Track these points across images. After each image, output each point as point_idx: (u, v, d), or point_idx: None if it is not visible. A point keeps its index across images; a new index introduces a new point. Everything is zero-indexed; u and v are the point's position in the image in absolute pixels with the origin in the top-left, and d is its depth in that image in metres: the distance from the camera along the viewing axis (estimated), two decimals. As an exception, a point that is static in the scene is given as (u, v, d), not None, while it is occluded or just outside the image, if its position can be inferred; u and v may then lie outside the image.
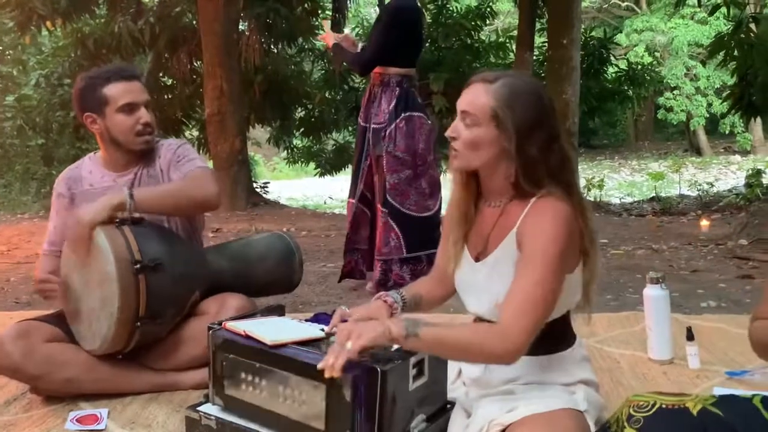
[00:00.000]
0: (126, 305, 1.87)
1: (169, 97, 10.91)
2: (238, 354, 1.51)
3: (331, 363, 1.25)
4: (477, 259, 1.50)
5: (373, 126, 3.28)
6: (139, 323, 1.91)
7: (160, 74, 10.87)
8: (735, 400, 1.23)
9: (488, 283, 1.45)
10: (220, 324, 1.60)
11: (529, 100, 1.37)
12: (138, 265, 1.88)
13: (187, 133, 11.49)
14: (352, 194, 3.46)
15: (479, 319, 1.52)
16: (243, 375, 1.50)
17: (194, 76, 10.50)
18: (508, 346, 1.28)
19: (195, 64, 10.39)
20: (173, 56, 10.19)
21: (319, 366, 1.27)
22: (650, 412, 1.17)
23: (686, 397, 1.21)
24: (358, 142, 3.46)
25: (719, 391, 1.90)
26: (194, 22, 9.85)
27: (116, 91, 2.08)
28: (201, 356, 1.94)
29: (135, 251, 1.90)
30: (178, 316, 2.07)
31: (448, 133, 1.44)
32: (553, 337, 1.47)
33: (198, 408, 1.60)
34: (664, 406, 1.17)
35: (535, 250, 1.33)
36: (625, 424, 1.18)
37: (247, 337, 1.50)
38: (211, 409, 1.58)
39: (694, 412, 1.15)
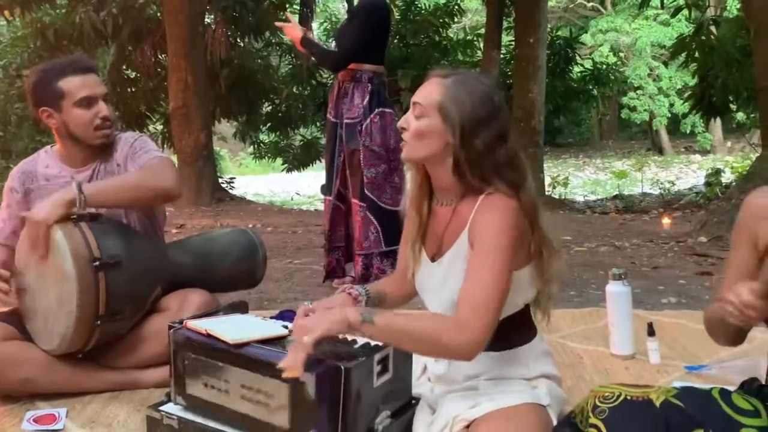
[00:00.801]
0: (85, 304, 1.83)
1: (133, 90, 10.72)
2: (200, 353, 1.49)
3: (290, 362, 1.24)
4: (433, 260, 1.52)
5: (346, 121, 3.26)
6: (98, 322, 1.87)
7: (123, 67, 10.67)
8: (695, 392, 1.26)
9: (445, 282, 1.47)
10: (181, 323, 1.57)
11: (479, 98, 1.40)
12: (97, 263, 1.84)
13: (151, 127, 11.31)
14: (328, 192, 3.44)
15: None
16: (205, 374, 1.48)
17: (158, 69, 10.33)
18: (466, 340, 1.28)
19: (159, 56, 10.23)
20: (137, 48, 10.01)
21: (280, 365, 1.26)
22: (615, 403, 1.18)
23: (650, 388, 1.23)
24: (329, 138, 3.43)
25: (679, 384, 1.94)
26: (159, 13, 9.69)
27: (72, 85, 2.02)
28: (162, 354, 1.90)
29: (93, 248, 1.85)
30: (139, 314, 2.03)
31: (399, 124, 1.48)
32: (513, 332, 1.49)
33: (159, 407, 1.57)
34: (628, 397, 1.19)
35: (486, 245, 1.35)
36: (590, 414, 1.19)
37: (209, 336, 1.48)
38: (173, 409, 1.55)
39: (657, 404, 1.17)
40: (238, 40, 10.95)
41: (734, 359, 2.04)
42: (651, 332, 2.19)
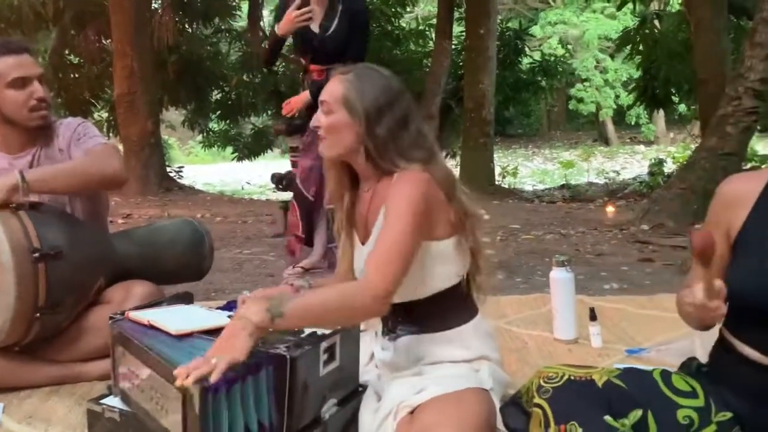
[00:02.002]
0: (24, 295, 1.77)
1: (76, 76, 10.39)
2: (125, 347, 1.46)
3: (185, 372, 1.16)
4: (363, 243, 1.57)
5: None
6: (38, 314, 1.82)
7: (66, 52, 10.31)
8: (637, 372, 1.30)
9: None
10: (123, 313, 1.54)
11: (378, 87, 1.48)
12: (37, 253, 1.78)
13: (95, 115, 10.99)
14: None
15: None
16: (128, 370, 1.46)
17: (103, 55, 10.03)
18: (372, 295, 1.32)
19: (104, 42, 9.92)
20: (80, 33, 9.69)
21: (175, 371, 1.18)
22: (559, 383, 1.22)
23: (593, 369, 1.27)
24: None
25: (620, 367, 2.01)
26: (103, -3, 9.38)
27: (5, 66, 1.95)
28: (105, 346, 1.85)
29: (33, 238, 1.80)
30: (81, 305, 1.98)
31: (311, 123, 1.56)
32: (452, 312, 1.53)
33: (101, 401, 1.54)
34: (572, 377, 1.23)
35: (391, 212, 1.41)
36: (535, 394, 1.22)
37: (151, 326, 1.45)
38: (115, 402, 1.52)
39: (600, 384, 1.21)
40: (187, 26, 10.71)
41: (671, 342, 2.12)
42: (593, 317, 2.26)
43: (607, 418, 1.16)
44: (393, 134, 1.47)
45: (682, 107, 12.83)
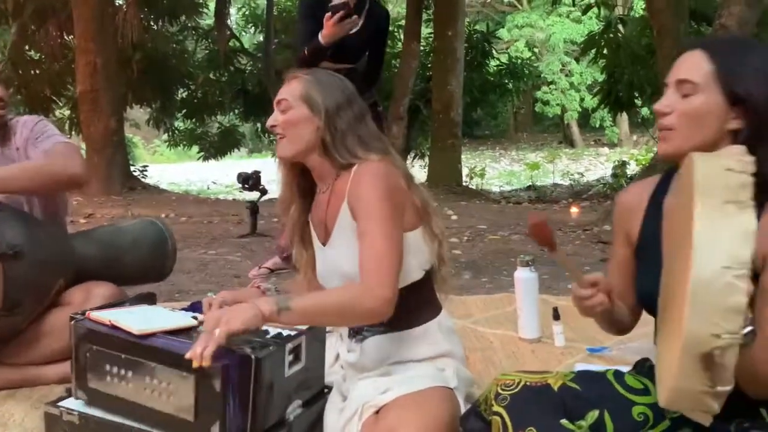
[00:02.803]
0: (-21, 296, 1.73)
1: (37, 72, 10.15)
2: (103, 345, 1.43)
3: (199, 352, 1.21)
4: (324, 244, 1.56)
5: None
6: (-6, 315, 1.77)
7: (26, 47, 10.07)
8: (591, 374, 1.33)
9: (339, 260, 1.51)
10: (83, 314, 1.51)
11: (335, 87, 1.53)
12: (-6, 253, 1.74)
13: (57, 112, 10.76)
14: None
15: None
16: (108, 367, 1.43)
17: (65, 51, 9.82)
18: (376, 295, 1.33)
19: (66, 37, 9.71)
20: (41, 28, 9.47)
21: (187, 355, 1.23)
22: (515, 390, 1.23)
23: (548, 374, 1.29)
24: None
25: (580, 366, 2.04)
26: (65, -8, 9.19)
27: None
28: (65, 349, 1.81)
29: (-10, 237, 1.75)
30: (40, 307, 1.93)
31: (267, 124, 1.56)
32: (414, 308, 1.53)
33: (59, 403, 1.51)
34: (528, 384, 1.24)
35: (366, 208, 1.41)
36: (493, 402, 1.24)
37: (113, 327, 1.43)
38: (74, 404, 1.49)
39: (555, 388, 1.23)
40: (152, 23, 10.55)
41: (631, 341, 2.16)
42: (556, 316, 2.29)
43: (564, 421, 1.18)
44: (352, 126, 1.50)
45: (645, 110, 13.07)
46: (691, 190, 0.98)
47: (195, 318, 1.49)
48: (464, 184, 9.35)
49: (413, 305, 1.51)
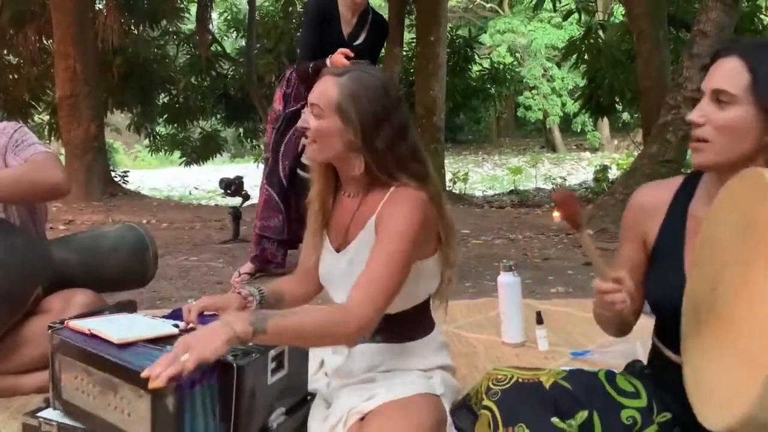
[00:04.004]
0: (-45, 304, 1.70)
1: (15, 77, 10.01)
2: (73, 356, 1.41)
3: (157, 372, 1.11)
4: (338, 250, 1.52)
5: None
6: (-29, 324, 1.74)
7: (5, 52, 9.94)
8: (583, 374, 1.33)
9: (350, 272, 1.46)
10: (62, 323, 1.49)
11: (375, 95, 1.41)
12: (-31, 260, 1.71)
13: (36, 117, 10.63)
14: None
15: None
16: (78, 379, 1.40)
17: (44, 56, 9.70)
18: (354, 326, 1.28)
19: (45, 42, 9.60)
20: (19, 32, 9.34)
21: (143, 374, 1.14)
22: (507, 386, 1.23)
23: (541, 371, 1.29)
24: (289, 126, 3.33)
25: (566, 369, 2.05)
26: (44, -4, 9.09)
27: None
28: (43, 357, 1.77)
29: (-35, 244, 1.72)
30: (17, 315, 1.90)
31: (299, 125, 1.47)
32: (411, 325, 1.52)
33: (37, 414, 1.48)
34: (520, 380, 1.24)
35: (389, 236, 1.36)
36: (484, 396, 1.23)
37: (92, 335, 1.40)
38: (53, 414, 1.47)
39: (547, 386, 1.23)
40: (132, 28, 10.46)
41: (614, 345, 2.17)
42: (539, 320, 2.30)
43: (554, 419, 1.18)
44: (392, 146, 1.41)
45: (625, 115, 13.24)
46: (759, 206, 0.93)
47: (176, 326, 1.47)
48: (447, 188, 9.37)
49: (408, 323, 1.49)
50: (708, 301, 1.09)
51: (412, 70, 10.41)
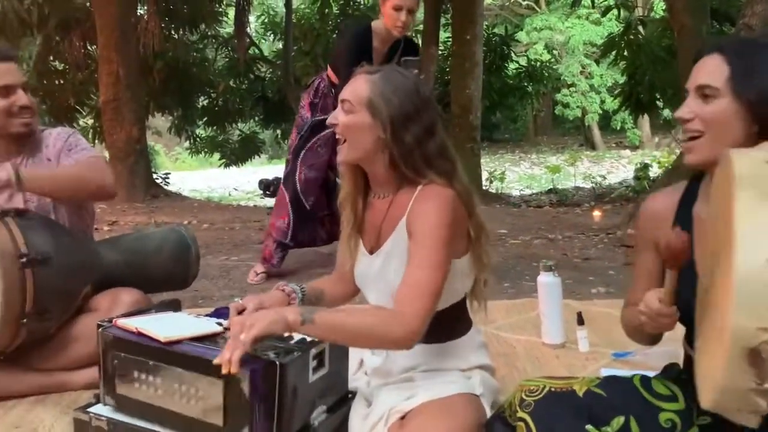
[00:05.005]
0: (10, 301, 1.76)
1: (61, 82, 10.31)
2: (130, 352, 1.45)
3: (227, 358, 1.20)
4: (371, 252, 1.53)
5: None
6: (24, 320, 1.80)
7: (51, 58, 10.24)
8: (617, 380, 1.31)
9: (384, 274, 1.48)
10: (110, 321, 1.53)
11: (405, 92, 1.42)
12: (24, 259, 1.77)
13: (80, 121, 10.90)
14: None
15: None
16: (136, 373, 1.45)
17: (88, 61, 9.96)
18: (405, 330, 1.29)
19: (89, 48, 9.86)
20: (64, 39, 9.62)
21: (215, 361, 1.23)
22: (540, 396, 1.22)
23: (573, 379, 1.28)
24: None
25: (606, 372, 2.02)
26: (87, 3, 9.33)
27: None
28: (92, 354, 1.84)
29: (20, 244, 1.79)
30: (68, 313, 1.97)
31: (329, 121, 1.50)
32: (449, 324, 1.52)
33: (88, 409, 1.53)
34: (552, 389, 1.23)
35: (423, 235, 1.37)
36: (518, 408, 1.23)
37: (140, 334, 1.44)
38: (102, 410, 1.51)
39: (580, 394, 1.22)
40: (173, 32, 10.67)
41: (657, 346, 2.13)
42: (580, 321, 2.27)
43: (589, 427, 1.17)
44: (420, 142, 1.41)
45: (666, 112, 12.93)
46: (730, 186, 0.95)
47: (220, 324, 1.51)
48: (484, 188, 9.31)
49: (446, 322, 1.49)
50: (706, 294, 1.09)
51: (447, 69, 10.38)
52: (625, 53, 8.96)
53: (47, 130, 2.12)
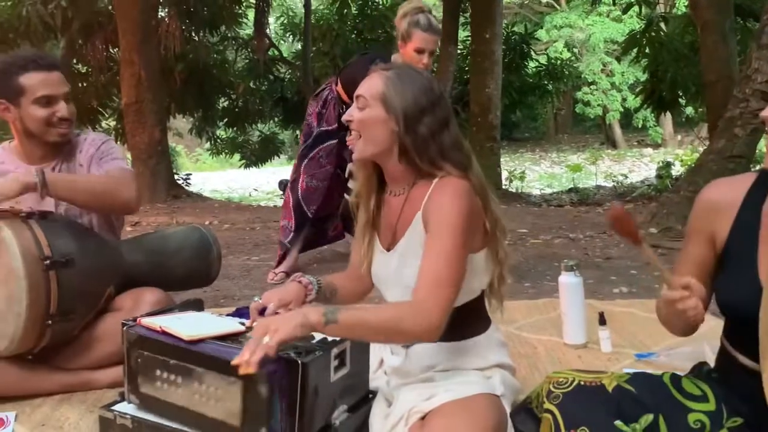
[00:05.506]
0: (35, 303, 1.79)
1: (84, 85, 10.45)
2: (153, 351, 1.47)
3: (247, 358, 1.19)
4: (388, 249, 1.53)
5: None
6: (49, 321, 1.83)
7: (74, 61, 10.39)
8: (646, 377, 1.29)
9: (401, 270, 1.48)
10: (134, 320, 1.55)
11: (419, 87, 1.44)
12: (48, 261, 1.80)
13: (103, 123, 11.05)
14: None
15: None
16: (158, 372, 1.46)
17: (110, 64, 10.10)
18: (425, 323, 1.29)
19: (111, 50, 9.99)
20: (87, 42, 9.76)
21: (234, 362, 1.22)
22: (569, 389, 1.21)
23: (603, 374, 1.27)
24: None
25: (630, 371, 2.00)
26: (110, 6, 9.46)
27: (34, 82, 1.97)
28: (116, 353, 1.88)
29: (44, 246, 1.82)
30: (91, 313, 1.99)
31: (344, 118, 1.52)
32: (468, 323, 1.51)
33: (112, 407, 1.55)
34: (582, 383, 1.22)
35: (439, 226, 1.37)
36: (545, 399, 1.22)
37: (164, 332, 1.46)
38: (127, 408, 1.53)
39: (609, 389, 1.21)
40: (193, 34, 10.77)
41: (680, 346, 2.11)
42: (602, 321, 2.25)
43: (618, 423, 1.15)
44: (434, 134, 1.43)
45: (689, 110, 12.80)
46: None
47: (242, 324, 1.52)
48: (503, 187, 9.27)
49: (464, 319, 1.49)
50: None
51: (467, 68, 10.36)
52: (647, 50, 8.87)
53: (82, 134, 2.14)
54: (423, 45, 2.94)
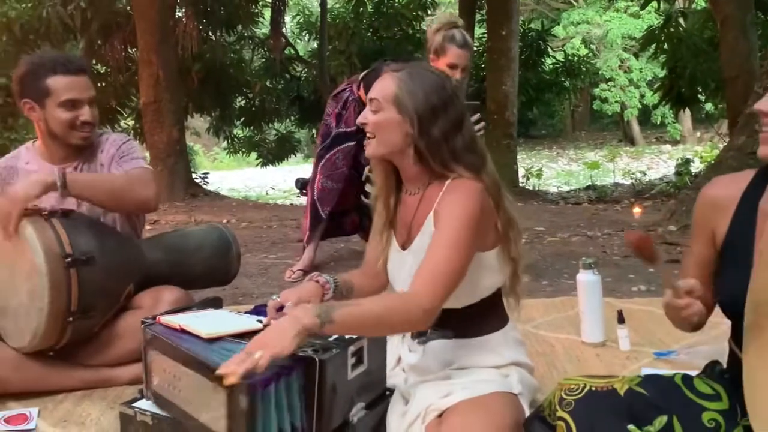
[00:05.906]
0: (56, 300, 1.81)
1: (103, 85, 10.55)
2: (160, 350, 1.48)
3: (231, 369, 1.16)
4: (403, 248, 1.55)
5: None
6: (70, 318, 1.86)
7: (93, 61, 10.50)
8: (658, 379, 1.29)
9: (414, 269, 1.47)
10: (154, 318, 1.57)
11: (432, 88, 1.44)
12: (69, 259, 1.83)
13: (122, 123, 11.17)
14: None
15: None
16: (164, 372, 1.48)
17: (129, 64, 10.20)
18: (418, 308, 1.31)
19: (129, 51, 10.09)
20: (106, 43, 9.86)
21: (219, 371, 1.18)
22: (580, 395, 1.21)
23: (614, 378, 1.26)
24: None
25: (647, 371, 1.99)
26: (128, 7, 9.55)
27: (60, 85, 1.99)
28: (136, 351, 1.89)
29: (66, 244, 1.84)
30: (112, 310, 2.02)
31: (358, 120, 1.52)
32: (485, 319, 1.52)
33: (133, 404, 1.57)
34: (593, 388, 1.22)
35: (446, 221, 1.38)
36: (557, 407, 1.21)
37: (183, 331, 1.47)
38: (147, 405, 1.55)
39: (621, 393, 1.20)
40: (210, 34, 10.84)
41: (701, 345, 2.10)
42: (621, 320, 2.23)
43: (631, 427, 1.14)
44: (446, 136, 1.43)
45: (708, 106, 12.63)
46: None
47: (260, 321, 1.53)
48: (520, 184, 9.23)
49: (480, 316, 1.50)
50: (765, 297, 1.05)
51: (483, 66, 10.32)
52: (666, 46, 8.78)
53: (104, 134, 2.17)
54: (457, 61, 2.95)
